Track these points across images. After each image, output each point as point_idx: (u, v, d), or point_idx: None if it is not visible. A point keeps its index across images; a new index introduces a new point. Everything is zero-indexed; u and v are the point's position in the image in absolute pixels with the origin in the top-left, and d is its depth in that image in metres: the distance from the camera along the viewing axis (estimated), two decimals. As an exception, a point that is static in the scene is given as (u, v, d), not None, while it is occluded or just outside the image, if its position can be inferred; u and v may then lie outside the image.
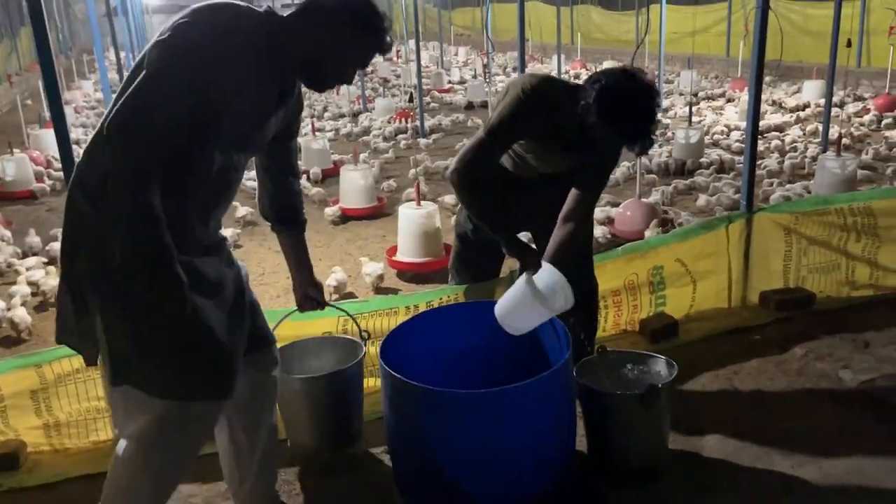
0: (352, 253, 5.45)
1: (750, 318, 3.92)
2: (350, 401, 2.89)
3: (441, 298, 3.38)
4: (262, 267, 5.13)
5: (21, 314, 4.20)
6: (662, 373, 2.81)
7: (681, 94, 11.53)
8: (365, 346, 2.91)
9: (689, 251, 3.87)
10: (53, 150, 8.88)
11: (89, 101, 14.14)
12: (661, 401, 2.66)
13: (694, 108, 10.48)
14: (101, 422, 3.08)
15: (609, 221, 5.52)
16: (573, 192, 2.80)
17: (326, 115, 11.59)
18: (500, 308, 2.63)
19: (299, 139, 2.71)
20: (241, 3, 1.91)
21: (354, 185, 6.25)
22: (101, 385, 3.02)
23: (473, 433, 2.39)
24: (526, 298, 2.54)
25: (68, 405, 3.03)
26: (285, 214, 2.39)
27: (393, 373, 2.44)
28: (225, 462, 2.43)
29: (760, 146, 8.12)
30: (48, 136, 9.28)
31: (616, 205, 5.75)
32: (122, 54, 18.69)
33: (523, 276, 2.60)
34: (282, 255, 2.51)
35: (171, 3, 32.41)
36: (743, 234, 3.96)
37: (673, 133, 8.13)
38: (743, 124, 8.75)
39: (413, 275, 4.93)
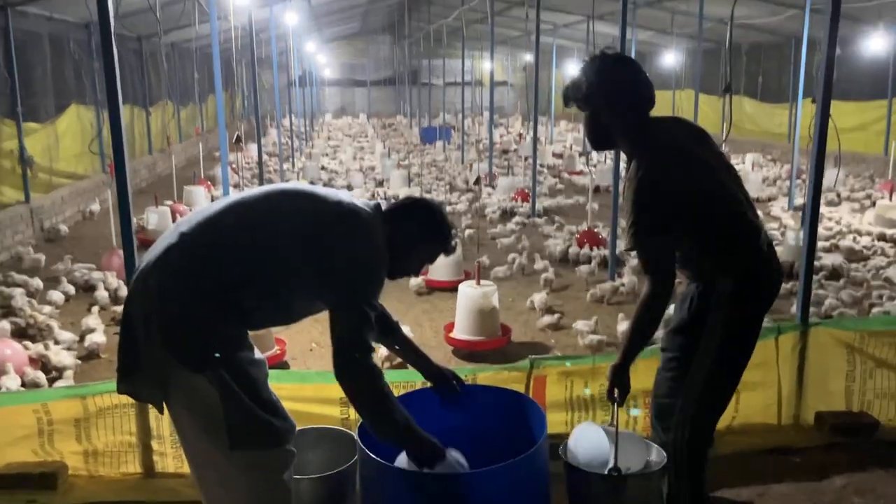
0: (422, 324, 5.62)
1: (797, 440, 3.65)
2: (341, 500, 2.88)
3: (465, 376, 3.45)
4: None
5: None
6: (652, 460, 2.71)
7: (827, 192, 10.91)
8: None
9: (732, 359, 3.68)
10: (198, 203, 9.92)
11: (250, 164, 15.50)
12: (634, 490, 2.59)
13: (833, 208, 9.93)
14: (131, 454, 3.39)
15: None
16: None
17: (456, 191, 12.01)
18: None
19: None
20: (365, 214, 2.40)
21: (441, 257, 6.45)
22: (133, 420, 3.35)
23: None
24: None
25: (105, 436, 3.36)
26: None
27: (363, 446, 2.53)
28: None
29: (890, 251, 7.49)
30: (198, 192, 10.39)
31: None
32: (296, 120, 20.71)
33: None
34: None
35: (346, 77, 35.36)
36: (796, 347, 3.72)
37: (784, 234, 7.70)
38: (876, 230, 8.18)
39: (468, 353, 5.00)
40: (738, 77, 17.38)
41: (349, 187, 12.12)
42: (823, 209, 9.69)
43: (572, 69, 26.36)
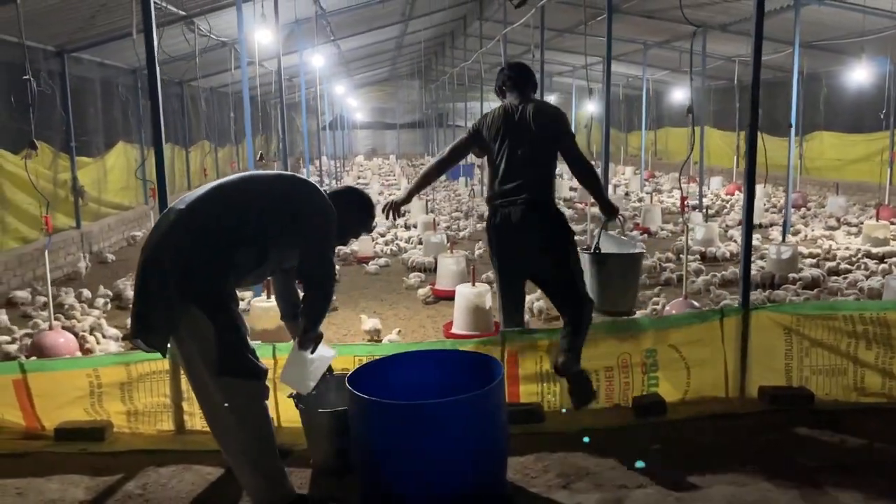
0: (426, 326, 6.23)
1: (740, 408, 4.13)
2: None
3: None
4: (347, 329, 6.07)
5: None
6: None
7: (828, 218, 11.44)
8: None
9: (682, 338, 4.21)
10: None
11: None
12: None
13: (831, 232, 10.39)
14: (165, 415, 4.02)
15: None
16: None
17: (472, 219, 12.72)
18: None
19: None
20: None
21: (447, 269, 7.10)
22: (168, 385, 4.00)
23: (396, 437, 3.02)
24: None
25: (144, 398, 4.01)
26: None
27: (351, 388, 3.12)
28: None
29: (872, 267, 7.89)
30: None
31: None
32: (328, 161, 21.70)
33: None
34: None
35: (377, 120, 36.62)
36: (739, 328, 4.23)
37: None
38: (865, 247, 8.61)
39: (464, 346, 5.58)
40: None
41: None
42: (820, 232, 10.19)
43: (591, 107, 27.24)
